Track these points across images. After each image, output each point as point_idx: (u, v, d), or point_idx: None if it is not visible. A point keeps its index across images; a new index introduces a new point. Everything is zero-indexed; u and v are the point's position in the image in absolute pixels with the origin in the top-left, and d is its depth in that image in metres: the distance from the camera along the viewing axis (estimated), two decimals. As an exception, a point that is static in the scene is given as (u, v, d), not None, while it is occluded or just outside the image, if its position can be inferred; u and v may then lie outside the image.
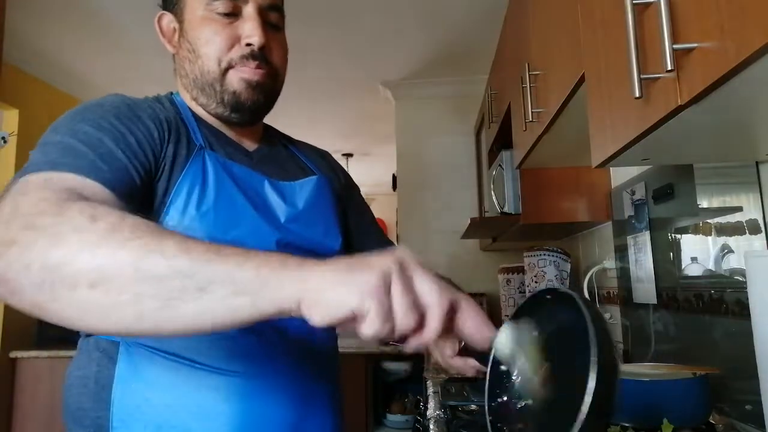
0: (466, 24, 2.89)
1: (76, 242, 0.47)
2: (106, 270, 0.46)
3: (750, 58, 0.51)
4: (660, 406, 0.99)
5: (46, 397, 2.93)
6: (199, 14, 0.81)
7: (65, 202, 0.52)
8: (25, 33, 2.89)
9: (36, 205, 0.51)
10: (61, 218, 0.49)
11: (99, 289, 0.46)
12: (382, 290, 0.45)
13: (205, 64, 0.81)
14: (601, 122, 0.93)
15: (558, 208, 1.94)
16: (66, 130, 0.68)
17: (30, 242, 0.47)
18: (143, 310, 0.46)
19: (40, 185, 0.57)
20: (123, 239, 0.47)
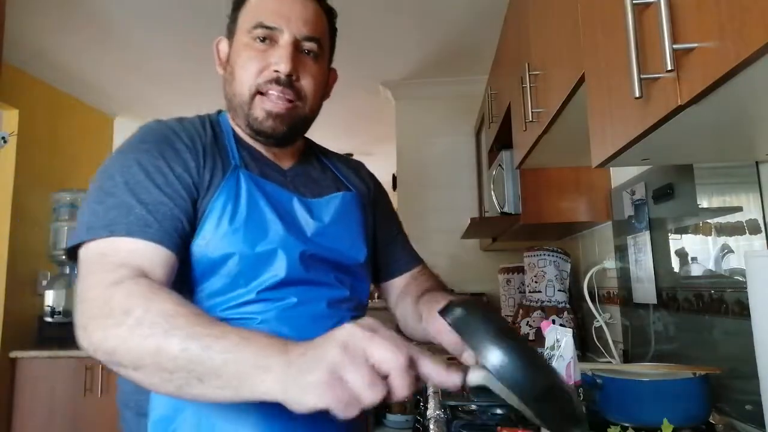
0: (466, 24, 2.89)
1: (114, 336, 0.62)
2: (136, 360, 0.61)
3: (750, 58, 0.51)
4: (660, 406, 0.99)
5: (46, 397, 2.93)
6: (243, 41, 0.87)
7: (114, 290, 0.66)
8: (25, 33, 2.89)
9: (94, 293, 0.67)
10: (107, 310, 0.64)
11: (139, 372, 0.61)
12: (334, 383, 0.51)
13: (238, 87, 0.87)
14: (601, 122, 0.93)
15: (558, 208, 1.94)
16: (119, 177, 0.77)
17: (92, 331, 0.64)
18: (169, 389, 0.60)
19: (97, 263, 0.71)
20: (143, 335, 0.60)
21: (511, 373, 0.53)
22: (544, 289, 2.10)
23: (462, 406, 1.29)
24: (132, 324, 0.61)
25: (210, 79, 3.81)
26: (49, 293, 3.18)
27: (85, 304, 0.67)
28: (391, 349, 0.52)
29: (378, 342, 0.52)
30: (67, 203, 3.30)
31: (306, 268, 0.84)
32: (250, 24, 0.86)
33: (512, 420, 1.15)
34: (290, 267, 0.82)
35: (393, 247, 1.07)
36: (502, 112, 2.07)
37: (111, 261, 0.70)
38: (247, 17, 0.88)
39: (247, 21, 0.87)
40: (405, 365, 0.52)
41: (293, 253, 0.83)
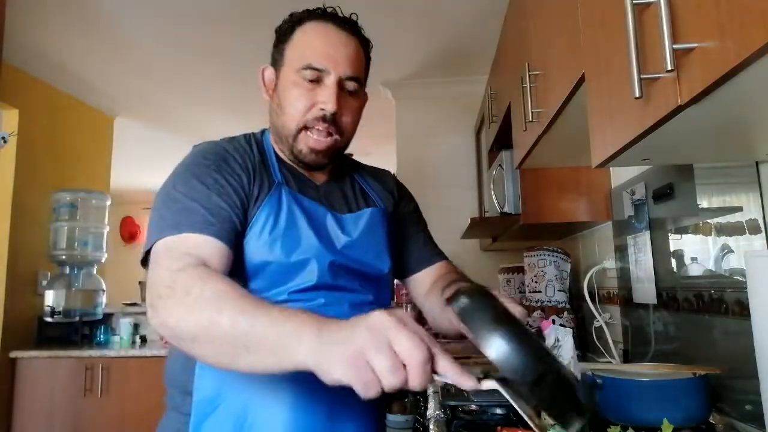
0: (466, 24, 2.89)
1: (176, 313, 0.71)
2: (194, 333, 0.69)
3: (750, 58, 0.51)
4: (660, 406, 0.99)
5: (46, 397, 2.93)
6: (291, 78, 0.95)
7: (177, 274, 0.75)
8: (25, 33, 2.89)
9: (161, 277, 0.77)
10: (171, 291, 0.73)
11: (196, 344, 0.69)
12: (359, 362, 0.55)
13: (287, 121, 0.95)
14: (601, 122, 0.93)
15: (558, 208, 1.94)
16: (182, 188, 0.88)
17: (159, 309, 0.73)
18: (223, 360, 0.68)
19: (165, 254, 0.81)
20: (200, 311, 0.68)
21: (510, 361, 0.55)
22: (544, 289, 2.10)
23: (462, 406, 1.29)
24: (190, 302, 0.70)
25: (210, 80, 3.82)
26: (49, 293, 3.18)
27: (154, 287, 0.76)
28: (415, 342, 0.55)
29: (404, 332, 0.56)
30: (67, 203, 3.30)
31: (334, 276, 0.93)
32: (299, 64, 0.93)
33: (512, 420, 1.15)
34: (320, 274, 0.91)
35: (415, 244, 1.13)
36: (502, 112, 2.07)
37: (177, 251, 0.80)
38: (296, 54, 0.95)
39: (297, 59, 0.94)
40: (425, 359, 0.55)
41: (323, 262, 0.92)
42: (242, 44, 3.01)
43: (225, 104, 4.04)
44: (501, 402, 1.28)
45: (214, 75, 3.49)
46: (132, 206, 7.26)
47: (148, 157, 5.44)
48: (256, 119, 4.72)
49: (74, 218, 3.29)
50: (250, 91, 3.74)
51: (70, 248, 3.25)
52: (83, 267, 3.30)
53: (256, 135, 1.03)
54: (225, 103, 4.02)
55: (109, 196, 3.57)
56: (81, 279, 3.28)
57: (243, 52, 3.13)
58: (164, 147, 5.06)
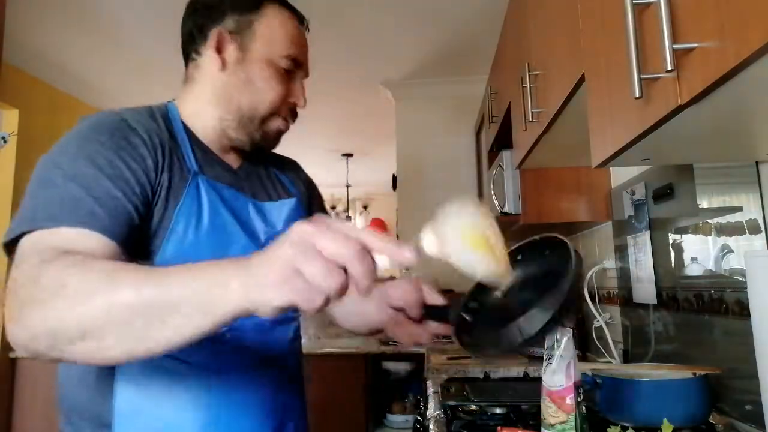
0: (466, 24, 2.89)
1: (53, 313, 0.55)
2: (85, 327, 0.54)
3: (750, 58, 0.51)
4: (660, 406, 0.99)
5: (46, 397, 2.93)
6: (267, 59, 0.89)
7: (42, 267, 0.59)
8: (25, 33, 2.89)
9: (22, 277, 0.60)
10: (39, 290, 0.57)
11: (90, 340, 0.55)
12: (291, 278, 0.49)
13: (258, 101, 0.89)
14: (601, 122, 0.93)
15: (558, 208, 1.94)
16: (67, 168, 0.72)
17: (25, 319, 0.57)
18: (130, 345, 0.55)
19: (30, 250, 0.65)
20: (87, 297, 0.55)
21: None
22: (544, 289, 2.10)
23: (462, 406, 1.29)
24: (71, 293, 0.56)
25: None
26: (49, 293, 3.18)
27: (13, 294, 0.59)
28: (342, 238, 0.50)
29: (328, 234, 0.50)
30: (67, 203, 3.30)
31: None
32: (280, 50, 0.89)
33: (512, 420, 1.15)
34: None
35: None
36: (502, 112, 2.07)
37: (44, 246, 0.65)
38: (274, 37, 0.89)
39: (276, 43, 0.89)
40: (359, 251, 0.50)
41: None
42: (242, 44, 3.01)
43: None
44: (501, 402, 1.28)
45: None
46: (132, 206, 7.26)
47: (148, 157, 5.44)
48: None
49: (74, 218, 3.29)
50: (250, 91, 3.75)
51: (70, 248, 3.25)
52: (83, 267, 3.30)
53: (162, 108, 0.90)
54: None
55: (109, 196, 3.57)
56: (81, 279, 3.28)
57: (243, 52, 3.13)
58: (164, 147, 5.07)
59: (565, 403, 0.79)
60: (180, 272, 0.54)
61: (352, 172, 5.52)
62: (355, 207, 6.92)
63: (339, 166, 5.44)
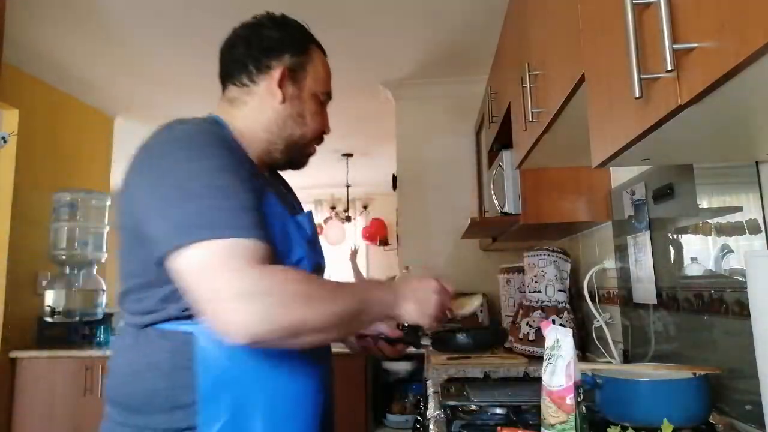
0: (466, 24, 2.89)
1: (301, 314, 0.79)
2: (325, 323, 0.82)
3: (750, 58, 0.51)
4: (660, 406, 0.99)
5: (46, 397, 2.93)
6: (313, 95, 1.05)
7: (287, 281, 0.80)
8: (25, 33, 2.89)
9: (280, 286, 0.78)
10: (289, 296, 0.78)
11: (321, 333, 0.82)
12: (438, 314, 1.00)
13: (308, 131, 1.05)
14: (601, 122, 0.93)
15: (558, 208, 1.94)
16: (208, 179, 0.82)
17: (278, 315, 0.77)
18: (341, 333, 0.91)
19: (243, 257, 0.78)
20: (329, 305, 0.82)
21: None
22: (544, 289, 2.10)
23: (462, 406, 1.29)
24: (315, 303, 0.80)
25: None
26: (49, 293, 3.18)
27: (263, 296, 0.75)
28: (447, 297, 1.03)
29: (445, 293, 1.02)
30: (67, 203, 3.30)
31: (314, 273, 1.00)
32: (323, 88, 1.06)
33: (512, 420, 1.15)
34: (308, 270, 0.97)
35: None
36: (502, 112, 2.07)
37: (251, 256, 0.78)
38: (318, 77, 1.06)
39: (319, 83, 1.06)
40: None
41: (312, 262, 0.98)
42: (242, 44, 3.00)
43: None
44: (501, 402, 1.28)
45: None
46: (132, 206, 7.25)
47: (148, 157, 5.44)
48: (256, 119, 4.58)
49: (74, 218, 3.29)
50: (250, 91, 3.75)
51: (70, 248, 3.25)
52: (83, 267, 3.30)
53: (219, 122, 0.99)
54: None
55: (109, 196, 3.57)
56: (81, 279, 3.28)
57: (243, 52, 3.13)
58: (164, 147, 5.06)
59: (565, 403, 0.79)
60: (375, 292, 0.93)
61: (352, 172, 5.51)
62: (355, 207, 6.91)
63: (339, 166, 5.44)
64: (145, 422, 0.85)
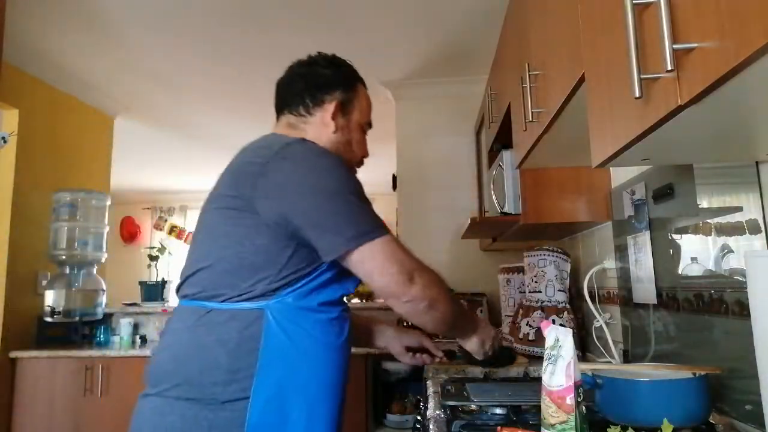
0: (466, 24, 2.89)
1: (436, 293, 1.10)
2: (447, 315, 1.13)
3: (750, 58, 0.51)
4: (660, 406, 0.99)
5: (46, 397, 2.93)
6: (358, 126, 1.25)
7: (426, 269, 1.11)
8: (25, 33, 2.89)
9: (418, 264, 1.10)
10: (437, 280, 1.12)
11: (442, 317, 1.12)
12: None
13: (353, 156, 1.25)
14: (601, 122, 0.93)
15: (558, 208, 1.94)
16: (354, 191, 1.07)
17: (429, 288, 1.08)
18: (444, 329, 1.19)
19: (400, 248, 1.09)
20: (450, 302, 1.14)
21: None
22: (544, 289, 2.10)
23: (462, 406, 1.29)
24: (444, 291, 1.11)
25: (210, 80, 3.81)
26: (49, 293, 3.17)
27: (423, 272, 1.08)
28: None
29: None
30: (67, 203, 3.30)
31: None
32: (366, 119, 1.27)
33: (512, 420, 1.15)
34: (356, 283, 1.13)
35: None
36: (502, 112, 2.07)
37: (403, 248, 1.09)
38: (363, 109, 1.26)
39: (364, 115, 1.26)
40: None
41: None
42: (243, 44, 3.01)
43: (225, 104, 4.04)
44: (501, 402, 1.28)
45: (214, 75, 3.49)
46: (132, 206, 7.26)
47: (148, 157, 5.44)
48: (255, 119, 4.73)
49: (74, 218, 3.29)
50: (250, 91, 3.75)
51: (70, 248, 3.25)
52: (83, 267, 3.30)
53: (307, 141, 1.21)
54: (225, 103, 4.02)
55: (109, 196, 3.57)
56: (81, 279, 3.28)
57: (244, 52, 3.13)
58: (164, 147, 5.06)
59: (565, 403, 0.79)
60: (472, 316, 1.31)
61: (352, 172, 5.50)
62: (355, 207, 6.90)
63: (339, 166, 5.42)
64: (203, 394, 0.95)
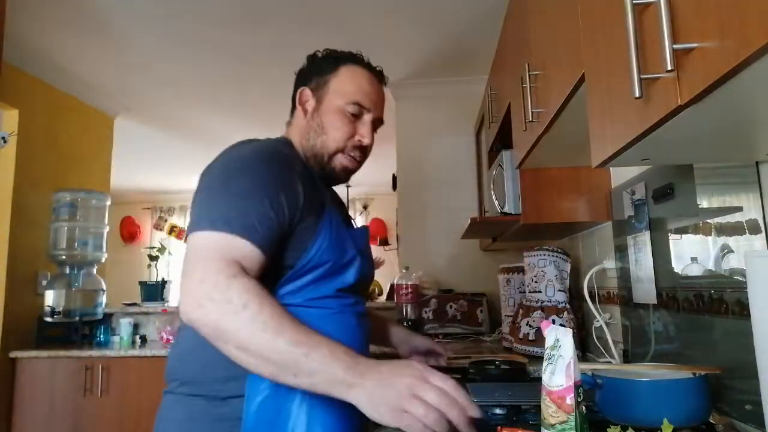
0: (466, 24, 2.89)
1: (229, 321, 0.81)
2: (245, 344, 0.80)
3: (750, 58, 0.51)
4: (660, 406, 0.99)
5: (46, 397, 2.92)
6: (336, 107, 1.12)
7: (232, 282, 0.83)
8: (25, 33, 2.89)
9: (214, 279, 0.83)
10: (226, 299, 0.82)
11: (241, 352, 0.81)
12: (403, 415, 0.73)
13: (328, 141, 1.11)
14: (601, 122, 0.93)
15: (558, 208, 1.94)
16: (242, 184, 0.94)
17: (209, 310, 0.82)
18: (264, 372, 0.81)
19: (214, 252, 0.87)
20: (257, 329, 0.80)
21: None
22: (544, 289, 2.10)
23: (462, 406, 1.28)
24: (247, 317, 0.80)
25: (210, 80, 3.80)
26: (49, 293, 3.17)
27: (204, 286, 0.83)
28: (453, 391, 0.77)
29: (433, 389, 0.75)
30: (67, 203, 3.30)
31: (362, 281, 1.09)
32: (348, 98, 1.11)
33: (512, 420, 1.15)
34: (356, 276, 1.05)
35: None
36: (502, 112, 2.07)
37: (227, 253, 0.88)
38: (343, 88, 1.12)
39: (344, 93, 1.12)
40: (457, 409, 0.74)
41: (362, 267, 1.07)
42: (243, 44, 3.01)
43: (225, 104, 4.04)
44: (501, 402, 1.28)
45: (214, 75, 3.49)
46: (132, 206, 7.26)
47: (148, 157, 5.44)
48: (255, 119, 4.73)
49: (74, 218, 3.29)
50: (250, 91, 3.75)
51: (70, 248, 3.25)
52: (83, 267, 3.30)
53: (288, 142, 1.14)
54: (225, 103, 4.02)
55: (109, 196, 3.57)
56: (81, 279, 3.28)
57: (243, 52, 3.13)
58: (164, 147, 5.06)
59: (565, 403, 0.79)
60: (322, 350, 0.78)
61: (352, 172, 5.50)
62: (355, 207, 6.92)
63: (339, 166, 5.43)
64: (206, 390, 0.97)
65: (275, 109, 1.08)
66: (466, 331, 3.05)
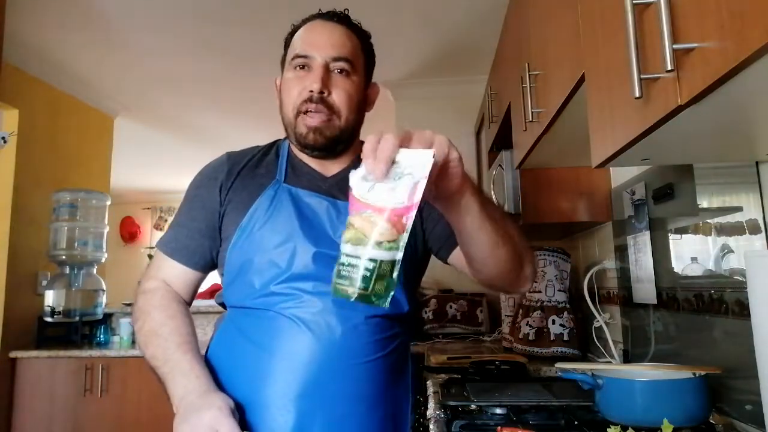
0: (466, 24, 2.89)
1: (143, 336, 1.00)
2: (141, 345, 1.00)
3: (750, 58, 0.51)
4: (660, 406, 0.99)
5: (46, 397, 2.92)
6: (288, 74, 1.04)
7: (137, 297, 1.05)
8: (25, 33, 2.89)
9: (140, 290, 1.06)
10: (137, 309, 1.03)
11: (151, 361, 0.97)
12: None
13: (285, 110, 1.03)
14: (601, 122, 0.93)
15: (558, 208, 1.94)
16: (183, 205, 1.09)
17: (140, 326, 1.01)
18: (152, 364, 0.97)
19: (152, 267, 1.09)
20: (140, 338, 1.00)
21: None
22: (544, 289, 2.10)
23: (462, 406, 1.29)
24: (137, 328, 1.02)
25: (210, 80, 3.80)
26: (49, 293, 3.17)
27: (141, 296, 1.04)
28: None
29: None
30: (67, 203, 3.30)
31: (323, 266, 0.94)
32: (290, 57, 1.03)
33: (512, 420, 1.15)
34: (305, 264, 0.95)
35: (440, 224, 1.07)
36: (502, 112, 2.07)
37: (157, 270, 1.06)
38: (290, 53, 1.04)
39: (289, 57, 1.04)
40: None
41: (308, 254, 0.96)
42: (243, 44, 3.01)
43: (225, 104, 4.04)
44: (501, 402, 1.28)
45: (214, 75, 3.49)
46: (132, 206, 7.26)
47: (148, 157, 5.44)
48: (256, 119, 4.73)
49: (74, 218, 3.29)
50: (250, 91, 3.75)
51: (70, 248, 3.25)
52: (83, 267, 3.30)
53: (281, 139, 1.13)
54: (225, 103, 4.02)
55: (109, 196, 3.57)
56: (81, 279, 3.28)
57: (244, 52, 3.13)
58: (164, 147, 5.06)
59: (401, 222, 0.69)
60: (165, 369, 0.93)
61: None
62: (355, 207, 6.89)
63: (339, 166, 5.42)
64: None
65: (275, 108, 1.06)
66: (466, 331, 3.05)
